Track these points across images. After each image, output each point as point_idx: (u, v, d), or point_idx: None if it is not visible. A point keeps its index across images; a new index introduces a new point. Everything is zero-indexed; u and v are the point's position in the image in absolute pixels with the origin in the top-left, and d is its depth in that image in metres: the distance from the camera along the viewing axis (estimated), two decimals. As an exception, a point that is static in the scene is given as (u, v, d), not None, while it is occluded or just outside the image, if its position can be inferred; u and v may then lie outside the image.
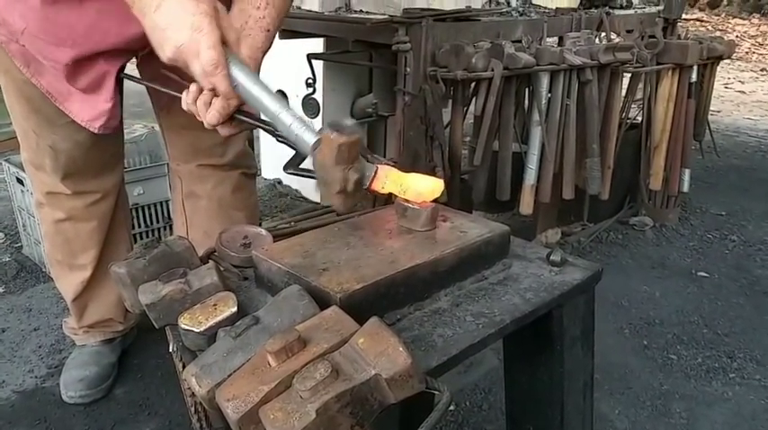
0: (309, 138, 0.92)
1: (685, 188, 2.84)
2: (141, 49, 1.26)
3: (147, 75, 1.38)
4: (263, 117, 0.99)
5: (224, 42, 0.95)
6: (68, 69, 1.25)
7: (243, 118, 1.01)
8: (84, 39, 1.21)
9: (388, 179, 0.95)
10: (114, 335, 1.83)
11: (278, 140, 1.00)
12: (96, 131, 1.36)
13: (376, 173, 0.95)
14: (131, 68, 1.36)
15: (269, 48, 1.11)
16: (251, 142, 1.65)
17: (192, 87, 1.00)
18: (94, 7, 1.18)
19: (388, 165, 0.97)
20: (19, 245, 2.57)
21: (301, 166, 0.98)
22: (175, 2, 0.92)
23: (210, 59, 0.92)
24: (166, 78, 1.11)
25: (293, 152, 0.98)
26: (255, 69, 1.05)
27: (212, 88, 0.95)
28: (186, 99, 1.01)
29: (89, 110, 1.32)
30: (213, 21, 0.93)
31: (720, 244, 2.77)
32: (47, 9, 1.17)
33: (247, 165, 1.66)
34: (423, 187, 0.97)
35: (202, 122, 1.51)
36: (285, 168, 0.98)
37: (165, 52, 0.95)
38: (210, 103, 0.98)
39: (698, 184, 3.28)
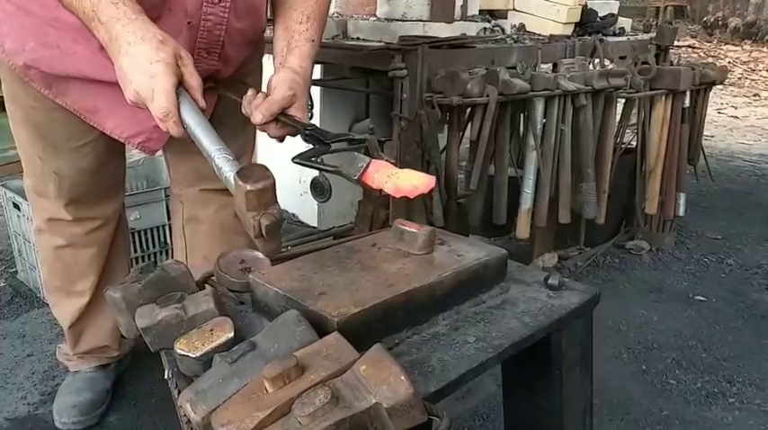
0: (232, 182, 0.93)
1: (681, 212, 2.85)
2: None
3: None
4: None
5: (186, 87, 1.01)
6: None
7: (286, 120, 1.07)
8: None
9: (379, 173, 0.94)
10: (109, 361, 1.81)
11: (305, 140, 1.06)
12: (133, 148, 1.38)
13: (368, 166, 0.94)
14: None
15: (316, 55, 1.23)
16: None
17: (249, 92, 1.13)
18: None
19: (383, 161, 0.96)
20: (14, 270, 2.55)
21: (312, 158, 1.01)
22: (138, 49, 0.99)
23: (160, 106, 0.98)
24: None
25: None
26: (307, 76, 1.17)
27: (166, 130, 1.02)
28: (243, 103, 1.13)
29: (133, 126, 1.34)
30: (169, 68, 0.98)
31: (717, 268, 2.77)
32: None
33: None
34: (410, 182, 0.93)
35: None
36: (293, 159, 1.02)
37: (127, 93, 1.02)
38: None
39: (693, 208, 3.29)
